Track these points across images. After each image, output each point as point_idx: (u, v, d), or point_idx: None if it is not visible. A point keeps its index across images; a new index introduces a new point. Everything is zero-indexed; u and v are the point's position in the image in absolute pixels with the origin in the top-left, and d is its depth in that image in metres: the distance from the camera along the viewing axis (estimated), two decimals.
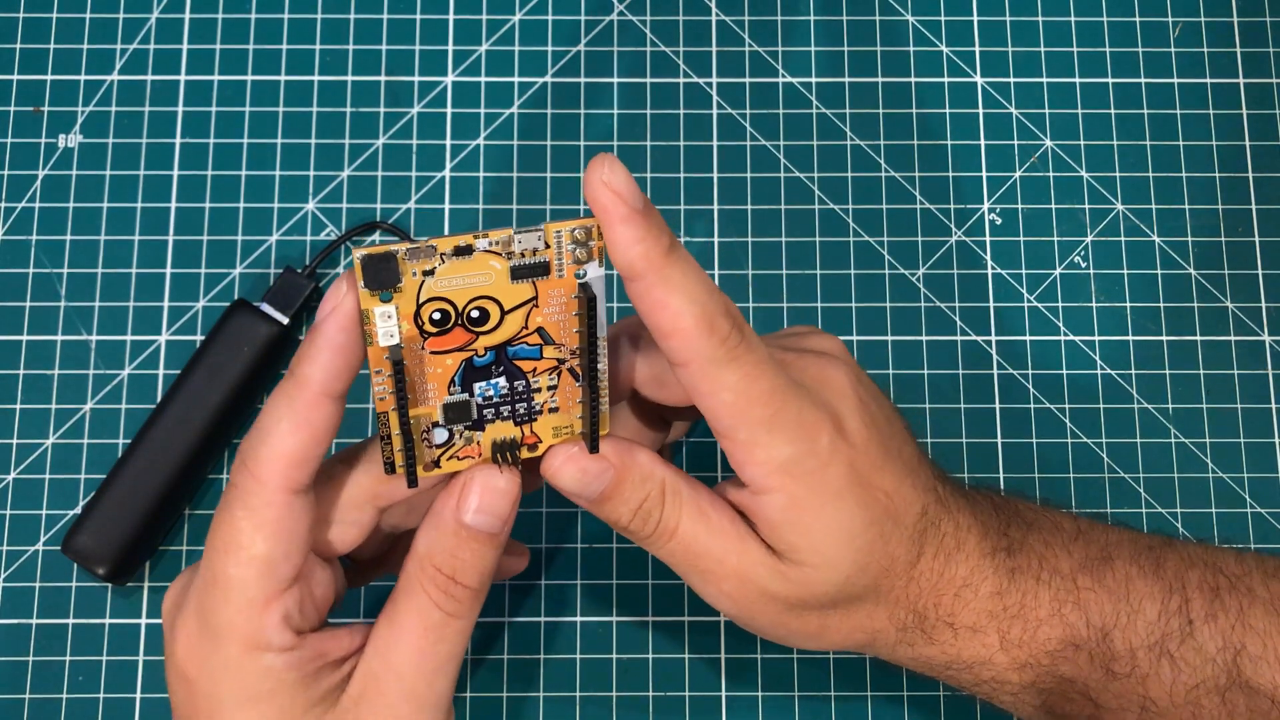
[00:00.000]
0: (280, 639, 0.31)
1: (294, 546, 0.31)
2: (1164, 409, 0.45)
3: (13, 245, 0.46)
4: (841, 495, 0.32)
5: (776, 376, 0.31)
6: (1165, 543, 0.36)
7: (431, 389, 0.31)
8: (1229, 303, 0.46)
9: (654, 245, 0.29)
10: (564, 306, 0.30)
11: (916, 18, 0.49)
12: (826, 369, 0.33)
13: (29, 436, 0.44)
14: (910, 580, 0.34)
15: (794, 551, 0.32)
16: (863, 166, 0.47)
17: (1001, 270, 0.47)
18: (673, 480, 0.33)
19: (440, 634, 0.32)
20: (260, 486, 0.30)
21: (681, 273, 0.29)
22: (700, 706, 0.43)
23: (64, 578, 0.43)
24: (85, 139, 0.47)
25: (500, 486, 0.32)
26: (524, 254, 0.29)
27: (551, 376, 0.31)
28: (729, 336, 0.30)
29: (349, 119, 0.47)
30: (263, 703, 0.31)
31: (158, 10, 0.48)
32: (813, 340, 0.35)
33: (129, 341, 0.45)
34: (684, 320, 0.29)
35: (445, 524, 0.32)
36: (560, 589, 0.44)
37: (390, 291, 0.29)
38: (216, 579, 0.31)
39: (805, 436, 0.31)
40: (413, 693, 0.32)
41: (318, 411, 0.30)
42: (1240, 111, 0.48)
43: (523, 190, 0.47)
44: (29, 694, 0.42)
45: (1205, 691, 0.34)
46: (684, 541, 0.33)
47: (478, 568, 0.32)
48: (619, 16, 0.49)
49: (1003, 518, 0.35)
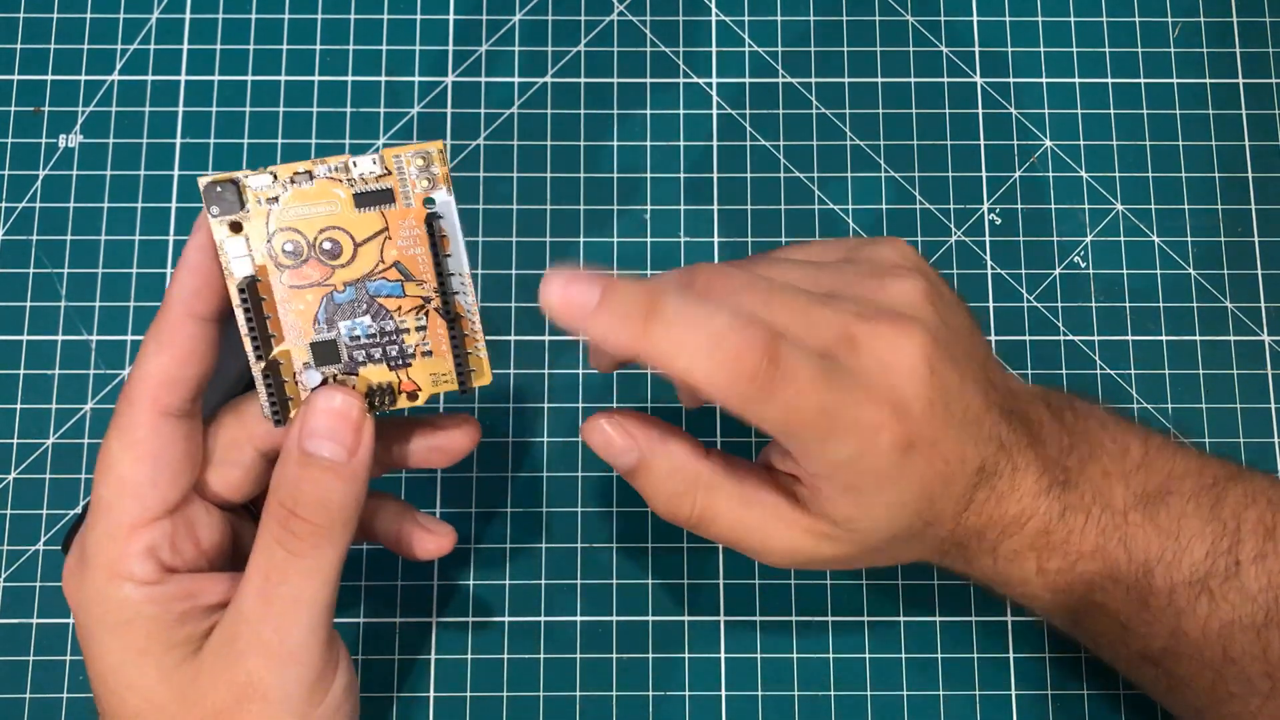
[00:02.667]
0: (142, 570, 0.30)
1: (162, 473, 0.30)
2: (1163, 409, 0.46)
3: (13, 245, 0.46)
4: (897, 479, 0.31)
5: (825, 393, 0.29)
6: (1233, 475, 0.35)
7: (296, 326, 0.30)
8: (1228, 303, 0.47)
9: (624, 329, 0.28)
10: (417, 239, 0.29)
11: (916, 18, 0.49)
12: (897, 345, 0.31)
13: (29, 436, 0.45)
14: (958, 524, 0.33)
15: (848, 521, 0.32)
16: (863, 166, 0.47)
17: (1001, 270, 0.47)
18: (710, 474, 0.33)
19: (283, 575, 0.30)
20: (129, 407, 0.30)
21: (673, 337, 0.28)
22: (700, 706, 0.43)
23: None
24: (86, 139, 0.47)
25: (338, 408, 0.30)
26: (364, 179, 0.29)
27: (419, 316, 0.30)
28: (758, 373, 0.28)
29: (349, 119, 0.48)
30: (122, 633, 0.30)
31: (158, 10, 0.48)
32: (891, 289, 0.32)
33: (129, 341, 0.45)
34: (698, 376, 0.28)
35: (288, 454, 0.30)
36: (560, 589, 0.44)
37: (240, 221, 0.29)
38: (92, 504, 0.31)
39: (863, 438, 0.30)
40: (262, 642, 0.30)
41: (181, 332, 0.30)
42: (1240, 112, 0.48)
43: (523, 190, 0.47)
44: (29, 694, 0.43)
45: (1240, 628, 0.33)
46: (725, 528, 0.33)
47: (320, 500, 0.30)
48: (619, 16, 0.49)
49: (1066, 445, 0.34)
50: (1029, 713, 0.43)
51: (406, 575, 0.43)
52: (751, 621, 0.43)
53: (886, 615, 0.44)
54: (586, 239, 0.46)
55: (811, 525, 0.32)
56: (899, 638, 0.43)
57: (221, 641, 0.31)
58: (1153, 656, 0.35)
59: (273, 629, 0.30)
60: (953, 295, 0.35)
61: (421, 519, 0.37)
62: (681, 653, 0.43)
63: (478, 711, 0.43)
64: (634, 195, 0.47)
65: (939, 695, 0.43)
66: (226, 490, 0.33)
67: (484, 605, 0.43)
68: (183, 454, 0.31)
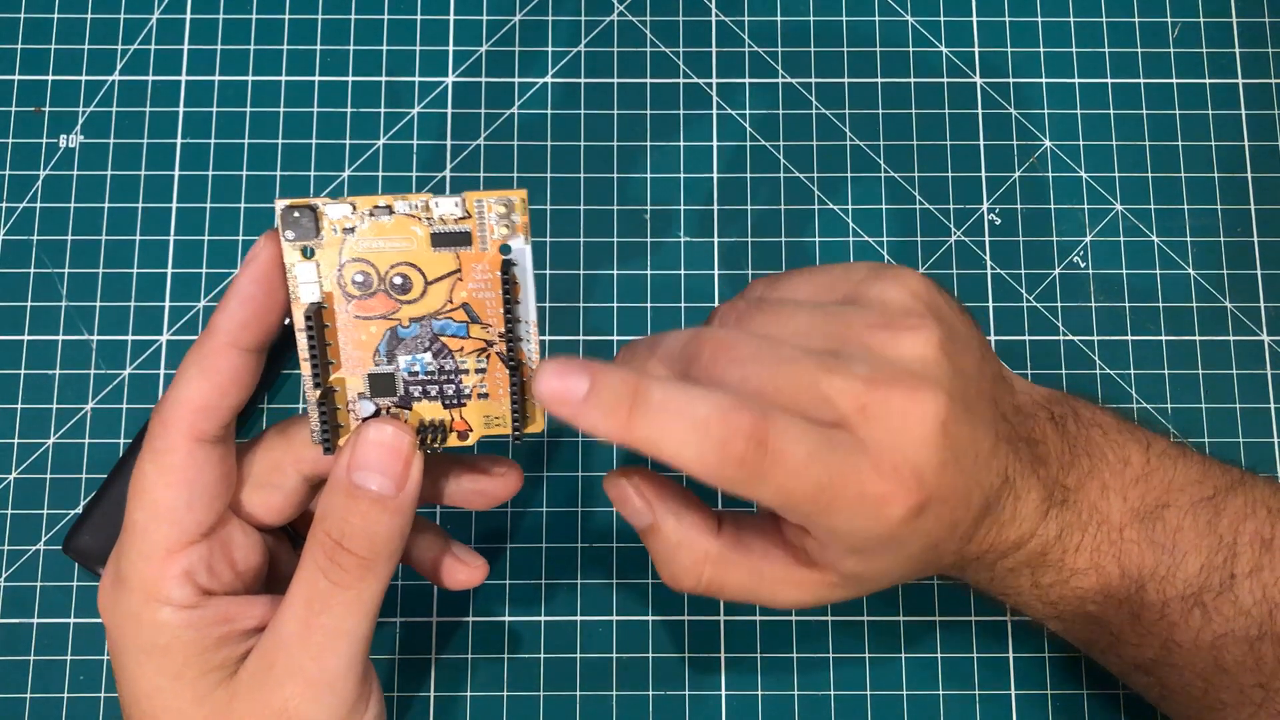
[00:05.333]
0: (180, 594, 0.30)
1: (198, 498, 0.30)
2: (1163, 409, 0.46)
3: (14, 245, 0.46)
4: (905, 539, 0.30)
5: (821, 473, 0.28)
6: (1233, 485, 0.35)
7: (357, 356, 0.30)
8: (1228, 303, 0.47)
9: (611, 420, 0.28)
10: (489, 283, 0.29)
11: (916, 18, 0.49)
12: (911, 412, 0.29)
13: (30, 436, 0.45)
14: (960, 555, 0.33)
15: (853, 576, 0.32)
16: (862, 166, 0.47)
17: (1001, 270, 0.47)
18: (717, 552, 0.32)
19: (325, 604, 0.30)
20: (165, 432, 0.30)
21: (657, 428, 0.28)
22: (700, 706, 0.43)
23: (65, 577, 0.43)
24: (86, 139, 0.47)
25: (387, 441, 0.30)
26: (444, 220, 0.29)
27: (480, 359, 0.30)
28: (745, 458, 0.28)
29: (350, 119, 0.48)
30: (158, 657, 0.30)
31: (159, 11, 0.48)
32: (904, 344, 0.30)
33: (130, 341, 0.45)
34: (684, 462, 0.28)
35: (336, 484, 0.30)
36: (560, 589, 0.44)
37: (312, 247, 0.29)
38: (126, 526, 0.31)
39: (870, 512, 0.29)
40: (299, 669, 0.30)
41: (224, 360, 0.30)
42: (1239, 112, 0.48)
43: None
44: (30, 694, 0.43)
45: (1233, 640, 0.33)
46: (733, 596, 0.33)
47: (367, 534, 0.30)
48: (619, 17, 0.49)
49: (1066, 461, 0.34)
50: (1028, 713, 0.43)
51: (406, 575, 0.44)
52: (751, 621, 0.43)
53: (886, 615, 0.44)
54: (586, 239, 0.46)
55: (820, 579, 0.32)
56: (899, 638, 0.43)
57: (258, 667, 0.31)
58: (1145, 666, 0.35)
59: (312, 658, 0.30)
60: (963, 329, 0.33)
61: (456, 549, 0.37)
62: (681, 653, 0.43)
63: (478, 711, 0.43)
64: (634, 196, 0.47)
65: (939, 695, 0.43)
66: (266, 513, 0.33)
67: (484, 605, 0.43)
68: (218, 478, 0.31)
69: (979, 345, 0.33)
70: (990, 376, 0.33)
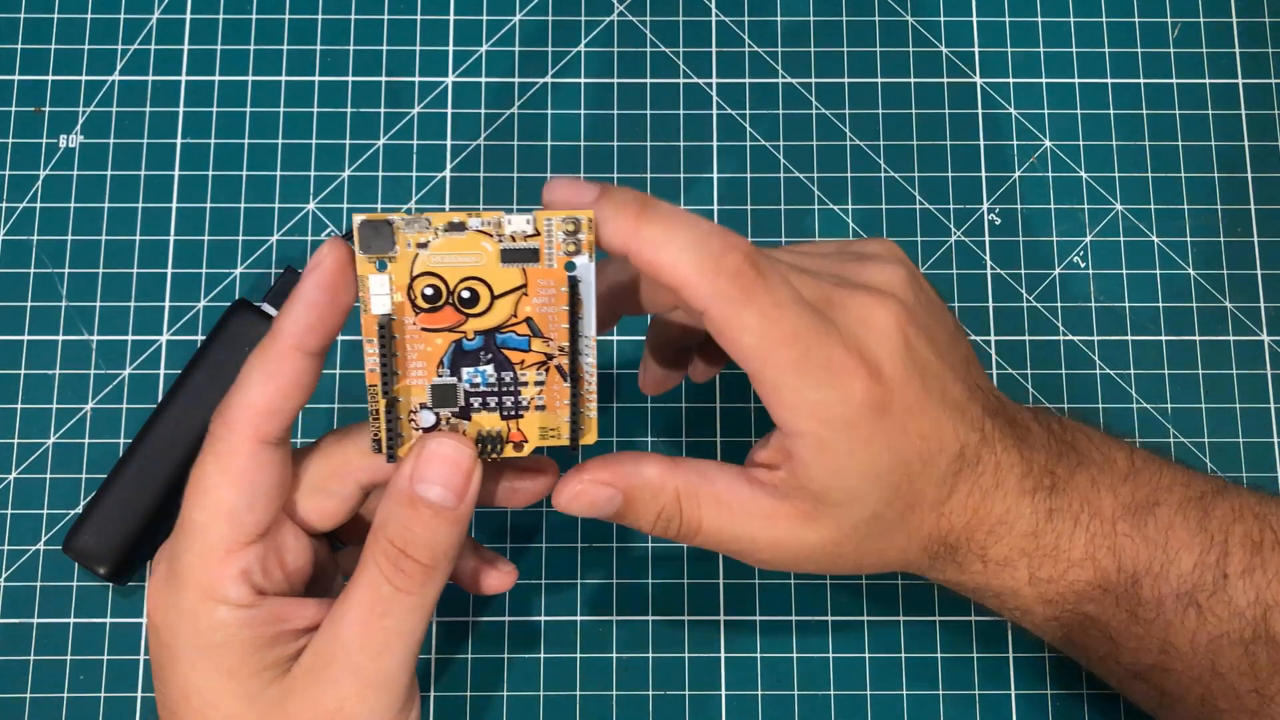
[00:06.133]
0: (237, 593, 0.31)
1: (259, 499, 0.31)
2: (1163, 409, 0.46)
3: (14, 245, 0.46)
4: (871, 440, 0.31)
5: (801, 316, 0.30)
6: (1219, 489, 0.36)
7: (421, 368, 0.31)
8: (1228, 303, 0.47)
9: (619, 219, 0.29)
10: (553, 299, 0.30)
11: (916, 18, 0.49)
12: (872, 309, 0.32)
13: (30, 436, 0.45)
14: (941, 515, 0.34)
15: (824, 492, 0.32)
16: (862, 166, 0.48)
17: (1001, 270, 0.47)
18: (685, 483, 0.33)
19: (387, 608, 0.31)
20: (229, 433, 0.30)
21: (663, 227, 0.29)
22: (700, 706, 0.43)
23: (65, 577, 0.43)
24: (86, 139, 0.47)
25: (452, 457, 0.31)
26: (514, 237, 0.30)
27: (539, 372, 0.31)
28: (740, 272, 0.29)
29: (349, 119, 0.48)
30: (213, 655, 0.31)
31: (159, 11, 0.48)
32: (871, 270, 0.34)
33: (130, 341, 0.45)
34: (683, 269, 0.29)
35: (399, 494, 0.31)
36: (560, 589, 0.44)
37: (385, 260, 0.29)
38: (184, 524, 0.31)
39: (835, 381, 0.31)
40: (357, 668, 0.31)
41: (288, 364, 0.30)
42: (1239, 112, 0.48)
43: (523, 191, 0.47)
44: (30, 693, 0.43)
45: (1229, 642, 0.34)
46: (710, 534, 0.33)
47: (429, 543, 0.31)
48: (619, 17, 0.49)
49: (1054, 452, 0.35)
50: (1028, 713, 0.43)
51: None
52: (751, 621, 0.43)
53: (887, 615, 0.44)
54: None
55: (790, 509, 0.32)
56: (899, 638, 0.43)
57: (313, 666, 0.31)
58: (1142, 672, 0.35)
59: (371, 658, 0.31)
60: (936, 296, 0.35)
61: (486, 554, 0.37)
62: (681, 653, 0.43)
63: (478, 711, 0.43)
64: None
65: (939, 695, 0.43)
66: (320, 518, 0.33)
67: (484, 606, 0.43)
68: (277, 481, 0.31)
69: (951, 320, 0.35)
70: (963, 349, 0.35)
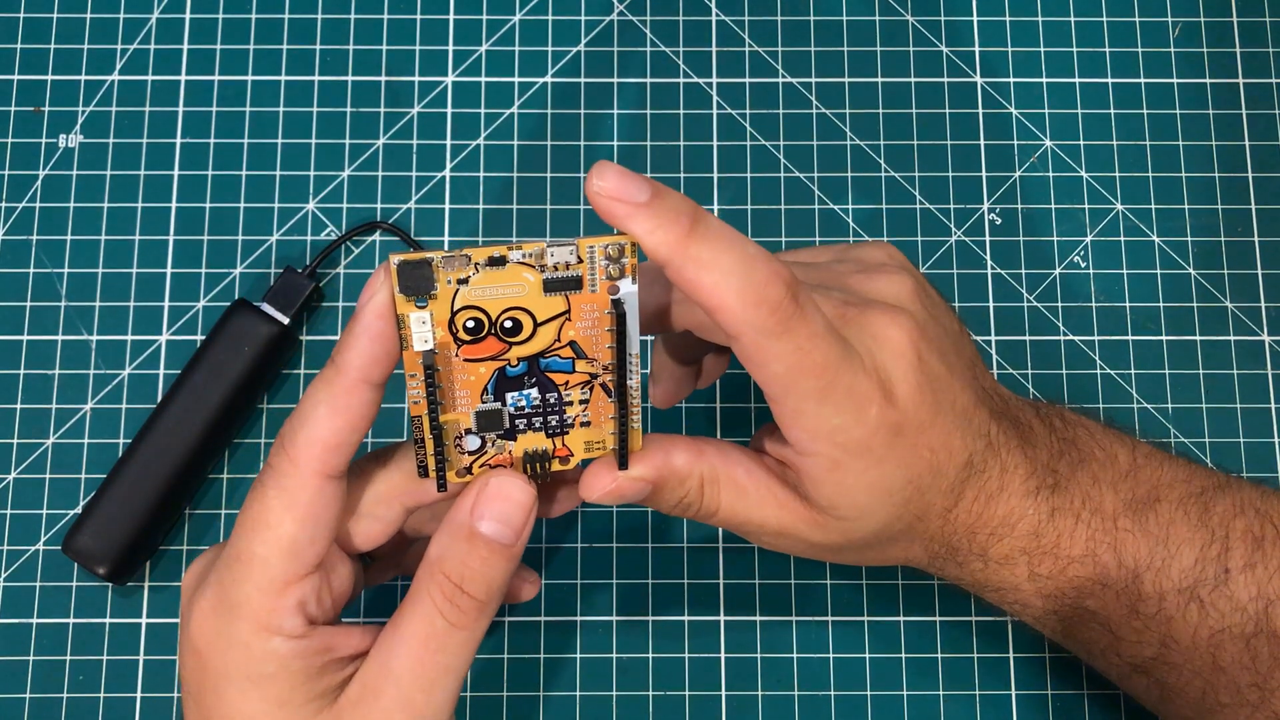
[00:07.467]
0: (292, 624, 0.31)
1: (320, 532, 0.31)
2: (1163, 409, 0.46)
3: (13, 245, 0.46)
4: (884, 460, 0.32)
5: (831, 348, 0.30)
6: (1221, 485, 0.36)
7: (465, 396, 0.31)
8: (1228, 302, 0.47)
9: (670, 230, 0.28)
10: (596, 321, 0.30)
11: (916, 18, 0.49)
12: (887, 328, 0.32)
13: (29, 436, 0.44)
14: (946, 521, 0.34)
15: (833, 507, 0.32)
16: (863, 166, 0.47)
17: (1001, 270, 0.47)
18: (709, 470, 0.33)
19: (442, 643, 0.31)
20: (294, 468, 0.30)
21: (711, 249, 0.29)
22: (700, 706, 0.43)
23: (64, 577, 0.43)
24: (86, 139, 0.47)
25: (515, 496, 0.31)
26: (557, 267, 0.29)
27: (584, 391, 0.31)
28: (780, 305, 0.29)
29: (349, 119, 0.48)
30: (265, 685, 0.31)
31: (158, 10, 0.48)
32: (879, 282, 0.34)
33: (129, 341, 0.45)
34: (725, 296, 0.29)
35: (458, 530, 0.31)
36: (560, 589, 0.44)
37: (425, 298, 0.29)
38: (240, 555, 0.31)
39: (854, 407, 0.31)
40: (409, 701, 0.31)
41: (355, 397, 0.30)
42: (1240, 111, 0.48)
43: (523, 190, 0.47)
44: (29, 694, 0.43)
45: (1230, 636, 0.34)
46: (726, 517, 0.34)
47: (486, 579, 0.31)
48: (619, 16, 0.49)
49: (1056, 449, 0.35)
50: (1028, 713, 0.43)
51: (405, 575, 0.43)
52: (751, 621, 0.43)
53: (886, 615, 0.44)
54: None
55: (802, 513, 0.33)
56: (899, 638, 0.43)
57: (361, 698, 0.31)
58: (1143, 666, 0.35)
59: (423, 692, 0.31)
60: (940, 299, 0.36)
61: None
62: (681, 653, 0.43)
63: (478, 711, 0.43)
64: None
65: (939, 695, 0.43)
66: (365, 542, 0.33)
67: None
68: (337, 513, 0.31)
69: (956, 321, 0.35)
70: (969, 350, 0.35)
